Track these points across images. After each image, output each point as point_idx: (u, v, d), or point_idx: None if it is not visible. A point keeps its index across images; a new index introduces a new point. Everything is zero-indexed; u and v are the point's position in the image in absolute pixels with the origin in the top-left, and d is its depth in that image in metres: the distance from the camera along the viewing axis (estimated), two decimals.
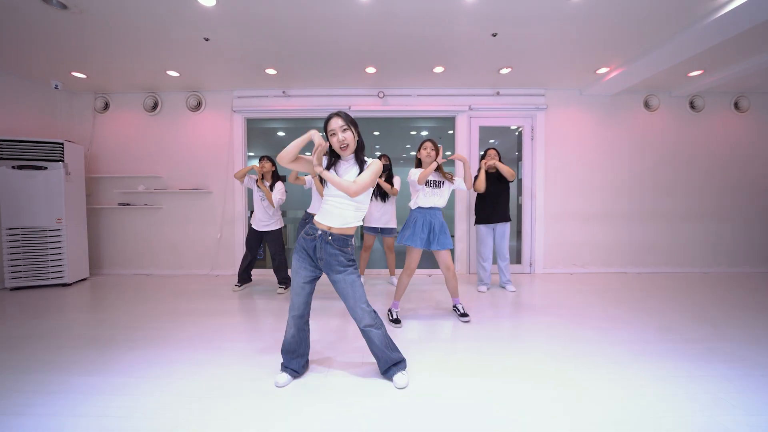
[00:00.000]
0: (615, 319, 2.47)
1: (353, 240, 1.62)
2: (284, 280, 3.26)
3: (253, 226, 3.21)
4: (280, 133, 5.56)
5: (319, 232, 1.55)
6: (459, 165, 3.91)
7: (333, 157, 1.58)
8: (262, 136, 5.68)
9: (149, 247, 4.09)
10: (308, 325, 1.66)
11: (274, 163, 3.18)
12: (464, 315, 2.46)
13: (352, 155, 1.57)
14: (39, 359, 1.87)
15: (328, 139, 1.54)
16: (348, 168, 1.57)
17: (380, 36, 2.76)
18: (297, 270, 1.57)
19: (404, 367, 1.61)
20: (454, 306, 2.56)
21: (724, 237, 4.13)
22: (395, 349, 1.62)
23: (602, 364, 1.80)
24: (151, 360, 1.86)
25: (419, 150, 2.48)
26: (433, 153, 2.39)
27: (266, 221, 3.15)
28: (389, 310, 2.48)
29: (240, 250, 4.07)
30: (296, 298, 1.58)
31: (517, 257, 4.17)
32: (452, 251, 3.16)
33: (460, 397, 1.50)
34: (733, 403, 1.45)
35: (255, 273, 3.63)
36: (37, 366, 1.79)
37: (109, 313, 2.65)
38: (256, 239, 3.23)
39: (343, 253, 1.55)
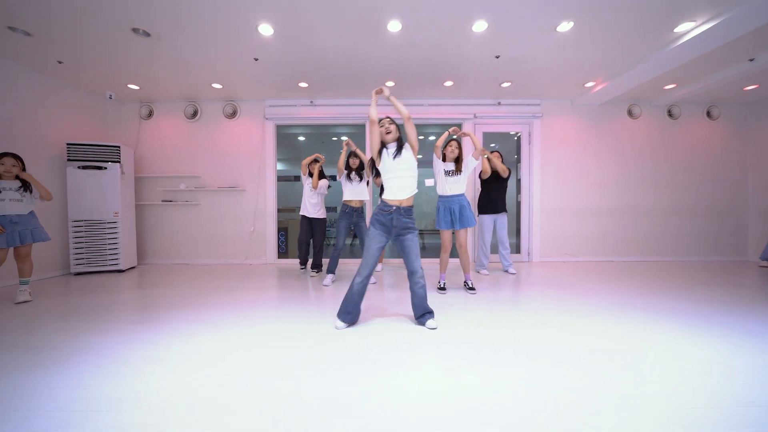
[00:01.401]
0: (605, 291, 2.98)
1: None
2: (318, 266, 3.74)
3: (303, 214, 3.67)
4: (301, 138, 6.08)
5: (393, 207, 2.03)
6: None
7: (382, 146, 2.13)
8: (284, 139, 6.20)
9: (189, 240, 4.57)
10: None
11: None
12: (472, 288, 2.96)
13: (395, 143, 2.10)
14: (102, 329, 2.34)
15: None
16: (391, 152, 2.09)
17: (402, 57, 3.29)
18: (375, 237, 2.04)
19: (433, 315, 2.11)
20: (465, 281, 3.05)
21: (698, 229, 4.66)
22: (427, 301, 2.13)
23: (599, 316, 2.30)
24: (212, 316, 2.34)
25: (445, 146, 3.02)
26: (457, 150, 2.96)
27: (314, 210, 3.65)
28: (439, 281, 3.02)
29: (271, 241, 4.56)
30: (371, 260, 2.03)
31: (516, 248, 4.69)
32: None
33: (481, 337, 1.99)
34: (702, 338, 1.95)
35: (284, 262, 4.10)
36: (105, 326, 2.27)
37: (167, 290, 3.12)
38: (307, 226, 3.70)
39: (411, 219, 2.08)
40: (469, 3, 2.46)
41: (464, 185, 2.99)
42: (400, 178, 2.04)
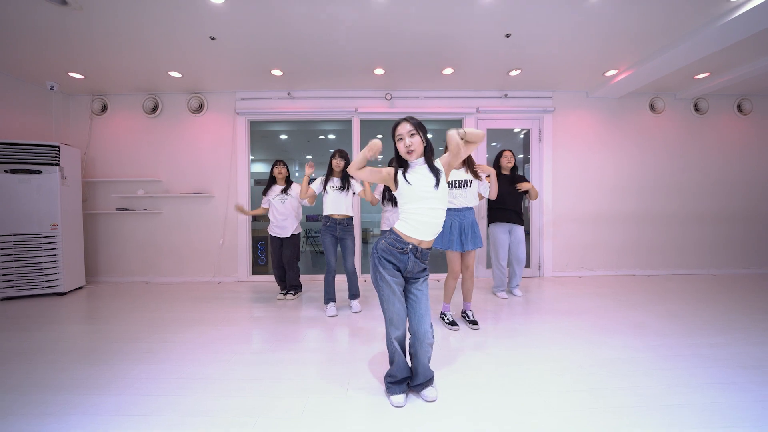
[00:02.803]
0: (635, 324, 2.42)
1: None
2: (295, 288, 3.16)
3: (274, 234, 3.10)
4: (283, 136, 5.47)
5: (410, 246, 1.44)
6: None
7: (401, 164, 1.50)
8: (265, 139, 5.58)
9: (148, 254, 3.95)
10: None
11: (287, 168, 3.16)
12: (474, 322, 2.38)
13: (422, 159, 1.47)
14: (35, 377, 1.74)
15: (395, 145, 1.49)
16: (423, 174, 1.45)
17: (392, 36, 2.70)
18: (392, 283, 1.44)
19: (433, 381, 1.53)
20: (464, 312, 2.48)
21: (729, 238, 4.13)
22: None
23: (631, 371, 1.73)
24: (158, 374, 1.75)
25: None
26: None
27: (284, 227, 3.04)
28: (442, 314, 2.45)
29: (243, 255, 3.95)
30: (401, 312, 1.46)
31: (526, 260, 4.12)
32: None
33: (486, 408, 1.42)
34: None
35: (260, 279, 3.50)
36: (33, 384, 1.67)
37: (110, 324, 2.52)
38: (279, 247, 3.12)
39: (425, 263, 1.51)
40: None
41: (475, 198, 2.43)
42: (435, 215, 1.45)
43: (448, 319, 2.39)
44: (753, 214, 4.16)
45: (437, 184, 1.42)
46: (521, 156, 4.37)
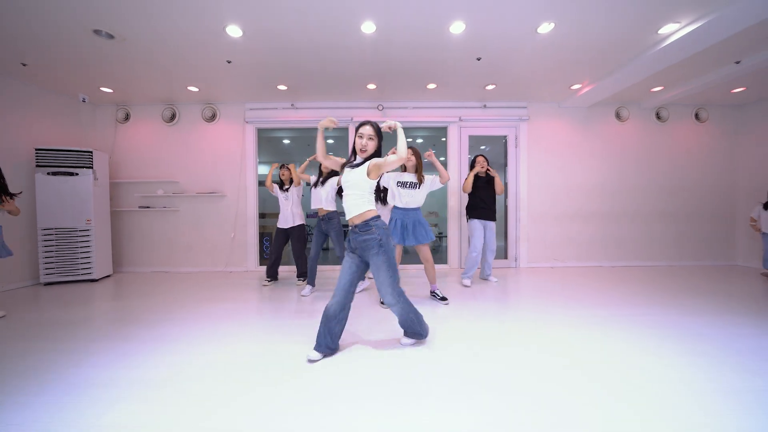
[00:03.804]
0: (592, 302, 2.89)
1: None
2: (303, 275, 3.61)
3: (279, 226, 3.54)
4: (286, 141, 5.96)
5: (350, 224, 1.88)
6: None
7: (353, 155, 1.91)
8: (270, 144, 6.07)
9: (167, 247, 4.44)
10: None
11: (290, 171, 3.56)
12: (443, 299, 2.85)
13: (365, 160, 1.85)
14: (81, 338, 2.22)
15: (355, 140, 1.88)
16: (359, 171, 1.84)
17: (380, 59, 3.18)
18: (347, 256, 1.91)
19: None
20: (432, 292, 2.95)
21: (687, 234, 4.60)
22: None
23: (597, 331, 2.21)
24: (181, 332, 2.23)
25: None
26: (414, 159, 2.78)
27: (291, 219, 3.49)
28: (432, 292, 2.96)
29: (251, 248, 4.44)
30: (340, 283, 1.86)
31: (503, 253, 4.60)
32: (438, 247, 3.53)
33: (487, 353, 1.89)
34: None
35: (264, 269, 3.98)
36: (79, 343, 2.14)
37: (140, 301, 3.00)
38: (283, 238, 3.56)
39: (364, 234, 1.84)
40: (444, 4, 2.36)
41: (422, 199, 2.85)
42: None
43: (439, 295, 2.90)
44: (708, 213, 4.62)
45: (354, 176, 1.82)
46: (504, 160, 4.83)
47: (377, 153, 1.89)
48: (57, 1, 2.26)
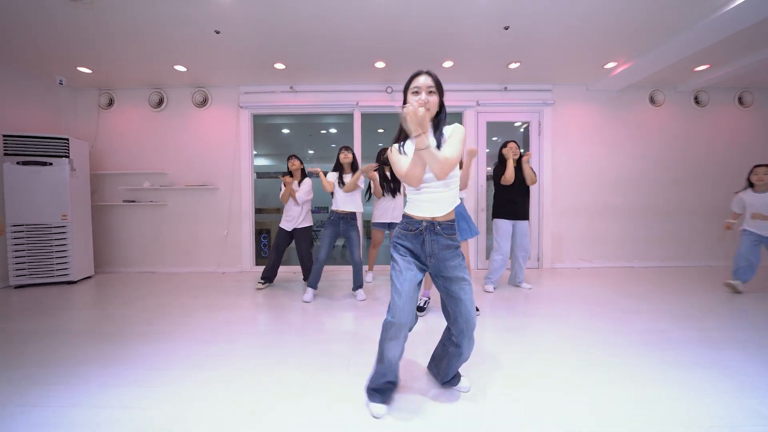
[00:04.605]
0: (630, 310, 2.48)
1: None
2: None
3: (281, 226, 3.16)
4: (285, 131, 5.53)
5: (424, 223, 1.30)
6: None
7: (402, 135, 1.36)
8: (268, 134, 5.65)
9: (155, 245, 4.05)
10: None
11: (301, 161, 3.17)
12: (421, 309, 2.43)
13: (430, 125, 1.31)
14: (54, 352, 1.84)
15: (406, 100, 1.31)
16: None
17: (392, 30, 2.75)
18: (400, 262, 1.31)
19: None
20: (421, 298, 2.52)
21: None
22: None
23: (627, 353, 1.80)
24: (167, 352, 1.83)
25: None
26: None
27: (296, 219, 3.10)
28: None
29: (247, 246, 4.04)
30: (409, 305, 1.27)
31: None
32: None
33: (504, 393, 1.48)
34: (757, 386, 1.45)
35: (261, 269, 3.60)
36: (54, 359, 1.76)
37: (119, 309, 2.61)
38: (284, 239, 3.17)
39: (450, 239, 1.32)
40: None
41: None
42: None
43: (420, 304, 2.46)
44: None
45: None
46: (522, 150, 4.38)
47: (443, 113, 1.34)
48: None
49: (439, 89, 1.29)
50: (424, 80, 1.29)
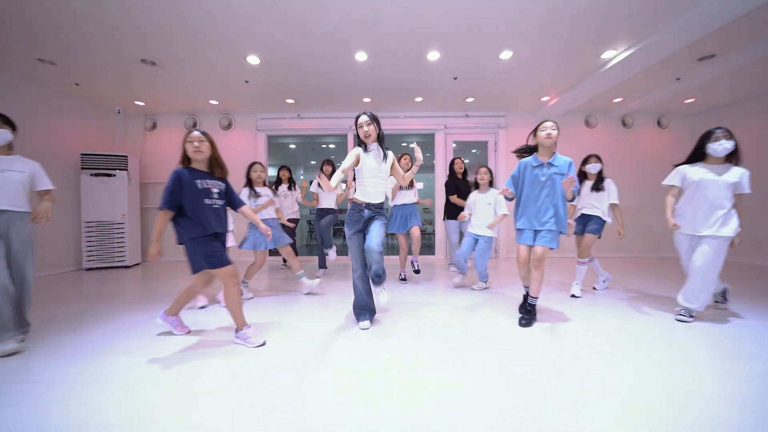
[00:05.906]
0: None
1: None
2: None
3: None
4: (292, 146, 6.59)
5: (364, 205, 2.08)
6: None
7: (362, 145, 2.05)
8: (278, 148, 6.71)
9: None
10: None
11: (290, 171, 4.11)
12: (417, 271, 3.45)
13: (375, 143, 2.03)
14: (121, 307, 2.81)
15: (357, 132, 2.07)
16: (375, 154, 2.03)
17: (375, 76, 3.79)
18: (352, 237, 2.10)
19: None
20: (411, 262, 3.51)
21: (649, 229, 5.12)
22: None
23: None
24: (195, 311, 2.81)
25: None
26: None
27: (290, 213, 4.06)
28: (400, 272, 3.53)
29: None
30: (357, 256, 2.10)
31: None
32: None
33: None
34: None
35: (272, 259, 4.57)
36: (120, 310, 2.73)
37: (163, 281, 3.59)
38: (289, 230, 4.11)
39: (377, 212, 2.11)
40: (422, 38, 2.95)
41: (415, 197, 3.48)
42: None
43: (401, 276, 3.47)
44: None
45: (382, 165, 2.01)
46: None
47: (381, 135, 2.07)
48: (113, 35, 2.89)
49: (375, 121, 2.03)
50: (363, 118, 2.02)
